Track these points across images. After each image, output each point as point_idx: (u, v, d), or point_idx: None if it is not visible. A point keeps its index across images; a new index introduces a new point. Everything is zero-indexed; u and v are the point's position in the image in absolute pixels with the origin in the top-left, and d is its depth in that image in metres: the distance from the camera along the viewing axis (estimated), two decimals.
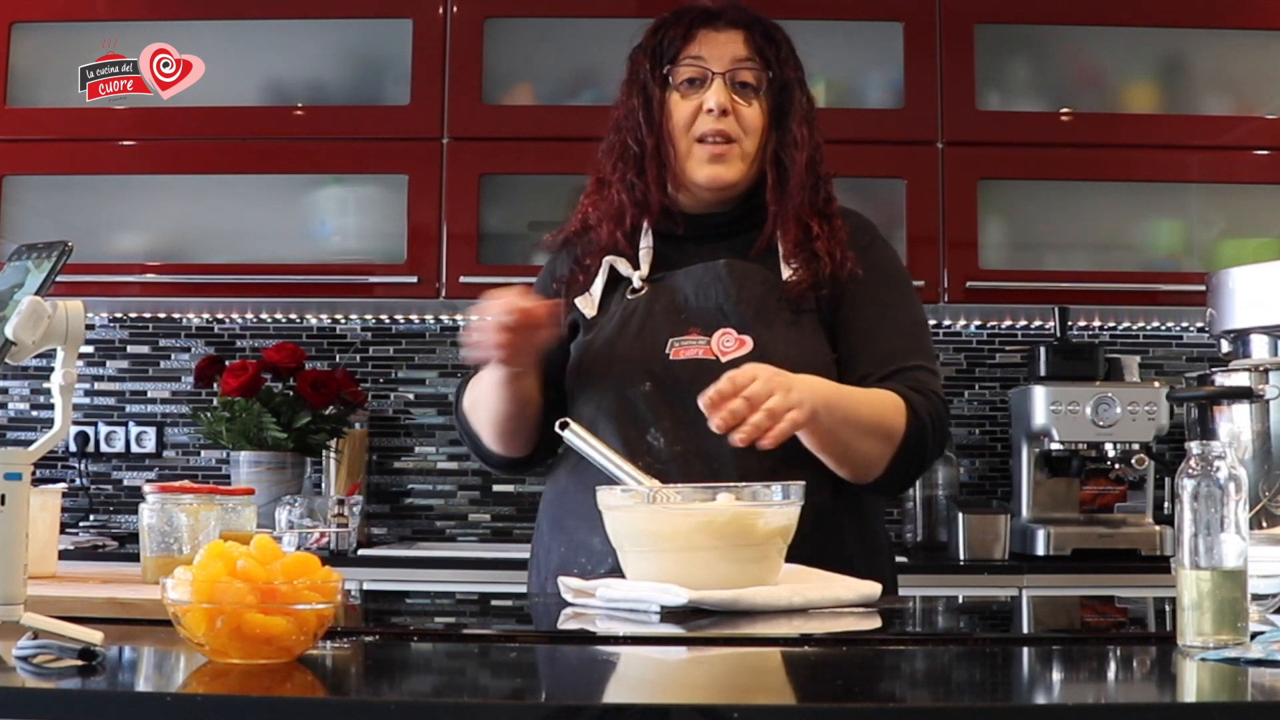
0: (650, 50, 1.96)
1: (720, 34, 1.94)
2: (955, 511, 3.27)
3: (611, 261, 1.96)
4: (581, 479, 1.88)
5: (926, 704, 1.12)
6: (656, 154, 1.93)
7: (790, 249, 1.94)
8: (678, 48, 1.94)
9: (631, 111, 1.95)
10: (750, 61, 1.93)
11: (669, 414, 1.84)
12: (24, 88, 3.50)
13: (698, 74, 1.93)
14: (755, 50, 1.94)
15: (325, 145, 3.47)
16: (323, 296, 3.52)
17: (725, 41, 1.94)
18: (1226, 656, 1.18)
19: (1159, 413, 3.24)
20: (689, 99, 1.93)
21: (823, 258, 1.92)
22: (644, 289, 1.94)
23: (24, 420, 3.82)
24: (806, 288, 1.91)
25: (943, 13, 3.43)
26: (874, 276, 1.95)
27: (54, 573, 1.67)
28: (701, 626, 1.44)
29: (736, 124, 1.92)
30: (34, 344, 1.22)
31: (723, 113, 1.91)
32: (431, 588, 3.03)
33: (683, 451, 1.83)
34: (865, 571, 1.75)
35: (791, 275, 1.92)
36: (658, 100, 1.93)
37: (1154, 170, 3.43)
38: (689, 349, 1.88)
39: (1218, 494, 1.25)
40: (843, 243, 1.94)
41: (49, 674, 1.10)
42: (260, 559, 1.17)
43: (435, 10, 3.45)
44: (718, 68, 1.92)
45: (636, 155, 1.94)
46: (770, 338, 1.87)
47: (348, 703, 1.08)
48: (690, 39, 1.94)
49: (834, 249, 1.93)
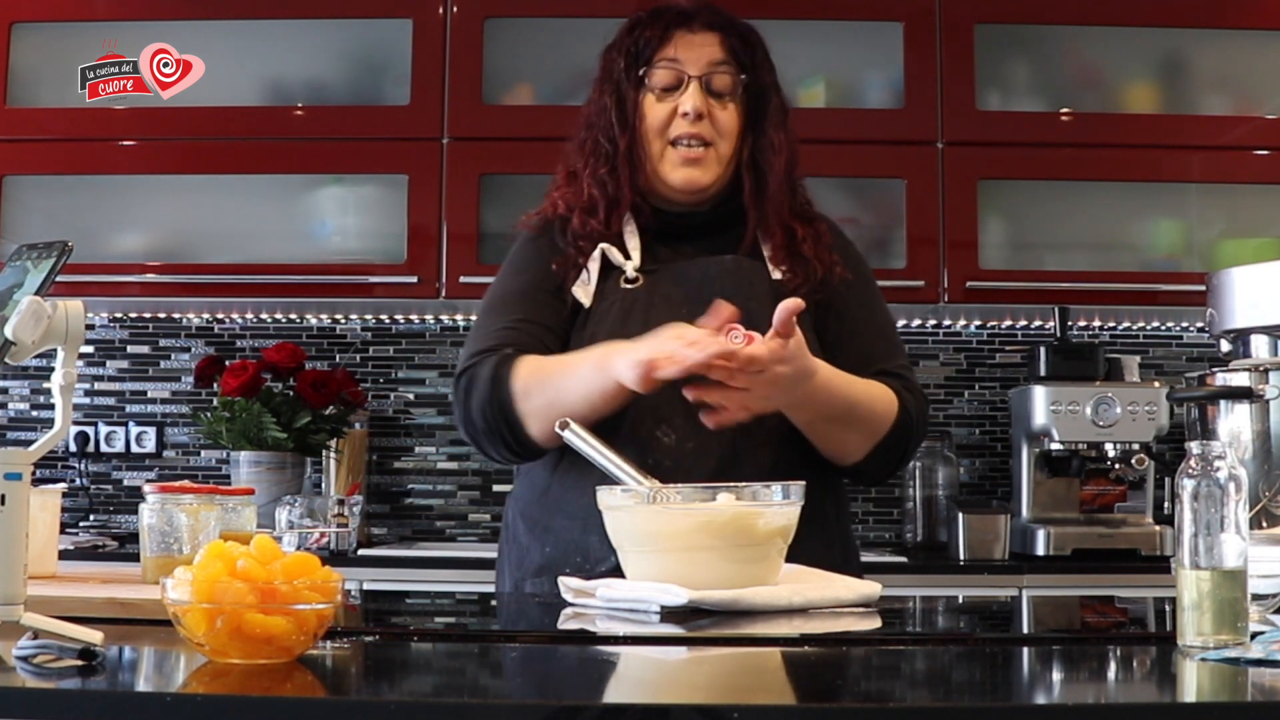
0: (625, 50, 1.96)
1: (696, 36, 1.94)
2: (955, 511, 3.28)
3: (605, 250, 1.95)
4: (567, 478, 1.87)
5: (926, 704, 1.12)
6: (629, 154, 1.94)
7: (777, 253, 1.95)
8: (653, 49, 1.94)
9: (604, 110, 1.96)
10: (726, 65, 1.94)
11: (681, 410, 1.83)
12: (24, 88, 3.50)
13: (674, 78, 1.93)
14: (731, 53, 1.94)
15: (325, 145, 3.47)
16: (323, 296, 3.52)
17: (701, 44, 1.94)
18: (1226, 656, 1.18)
19: (1159, 413, 3.24)
20: (664, 101, 1.93)
21: (812, 262, 1.95)
22: (639, 280, 1.93)
23: (24, 420, 3.82)
24: (804, 291, 1.91)
25: (943, 13, 3.43)
26: (856, 279, 1.99)
27: (54, 573, 1.67)
28: (701, 626, 1.44)
29: (711, 127, 1.92)
30: (33, 344, 1.22)
31: (698, 116, 1.91)
32: (431, 588, 3.03)
33: (694, 448, 1.83)
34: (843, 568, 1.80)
35: (782, 278, 1.94)
36: (631, 101, 1.94)
37: (1154, 170, 3.44)
38: None
39: (1218, 494, 1.25)
40: (827, 245, 1.98)
41: (49, 674, 1.10)
42: (260, 559, 1.17)
43: (435, 10, 3.45)
44: (694, 71, 1.92)
45: (608, 153, 1.95)
46: None
47: (348, 703, 1.08)
48: (666, 41, 1.94)
49: (820, 252, 1.96)
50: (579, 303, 1.94)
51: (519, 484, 2.03)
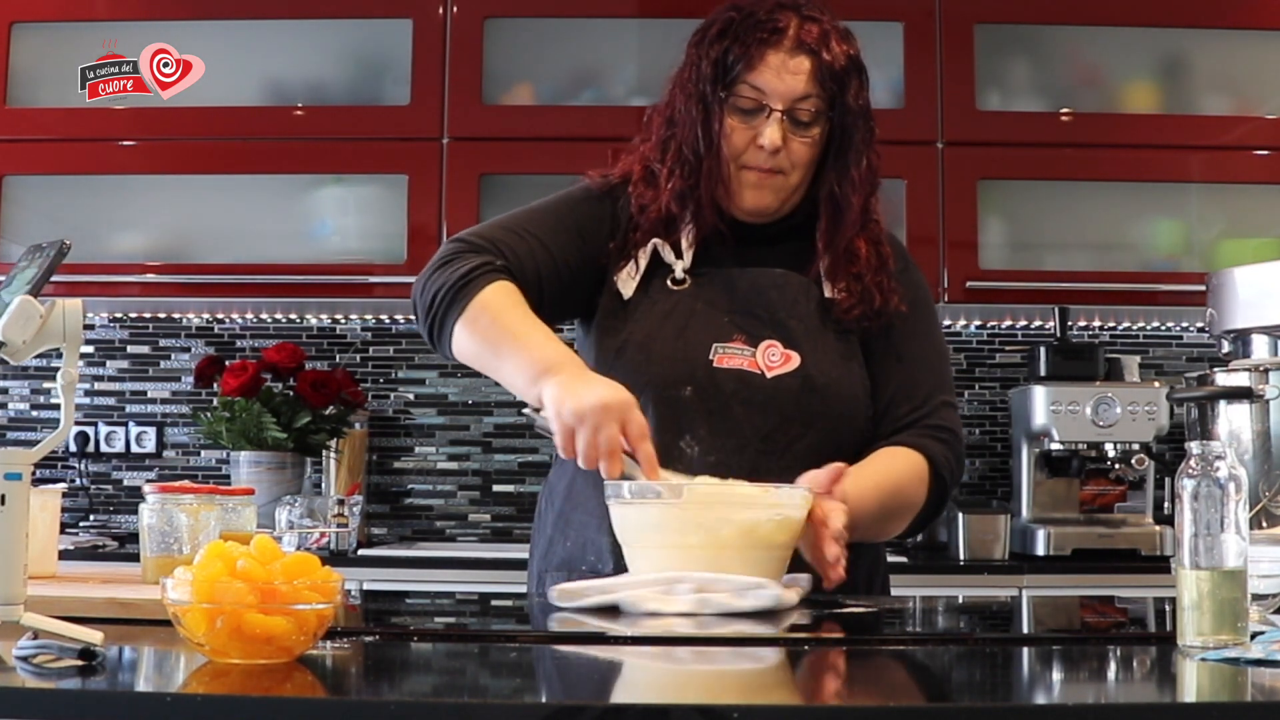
0: (713, 60, 1.87)
1: (788, 60, 1.84)
2: (955, 511, 3.27)
3: (657, 245, 1.90)
4: (590, 473, 1.87)
5: (927, 704, 1.12)
6: (711, 175, 1.87)
7: (836, 272, 1.90)
8: (739, 71, 1.85)
9: (690, 121, 1.88)
10: (811, 99, 1.85)
11: (705, 422, 1.81)
12: (24, 88, 3.50)
13: (756, 105, 1.85)
14: (819, 84, 1.84)
15: (325, 145, 3.47)
16: (323, 296, 3.52)
17: (789, 71, 1.84)
18: (1226, 656, 1.18)
19: (1159, 413, 3.24)
20: (745, 126, 1.86)
21: (872, 290, 1.89)
22: (686, 282, 1.89)
23: (24, 420, 3.82)
24: (857, 314, 1.88)
25: (943, 13, 3.43)
26: (912, 309, 1.93)
27: (54, 573, 1.67)
28: (702, 626, 1.44)
29: (786, 158, 1.86)
30: (25, 344, 1.21)
31: (774, 151, 1.85)
32: (431, 588, 3.03)
33: (715, 462, 1.79)
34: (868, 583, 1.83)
35: (837, 295, 1.89)
36: (716, 117, 1.86)
37: (1154, 170, 3.44)
38: (733, 358, 1.83)
39: (1218, 494, 1.25)
40: (891, 273, 1.92)
41: (49, 674, 1.10)
42: (260, 559, 1.17)
43: (435, 10, 3.45)
44: (777, 104, 1.84)
45: (691, 167, 1.88)
46: (816, 356, 1.85)
47: (348, 703, 1.08)
48: (753, 65, 1.84)
49: (883, 279, 1.90)
50: (619, 292, 1.89)
51: (552, 472, 2.01)
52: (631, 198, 1.92)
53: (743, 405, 1.81)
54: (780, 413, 1.82)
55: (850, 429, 1.88)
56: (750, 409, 1.81)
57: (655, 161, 1.92)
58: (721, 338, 1.84)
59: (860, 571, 1.91)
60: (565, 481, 1.94)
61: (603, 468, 1.64)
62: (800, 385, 1.83)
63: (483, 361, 1.80)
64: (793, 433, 1.83)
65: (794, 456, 1.80)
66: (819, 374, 1.84)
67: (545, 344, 1.76)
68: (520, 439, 3.77)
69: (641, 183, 1.93)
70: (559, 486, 1.96)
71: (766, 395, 1.82)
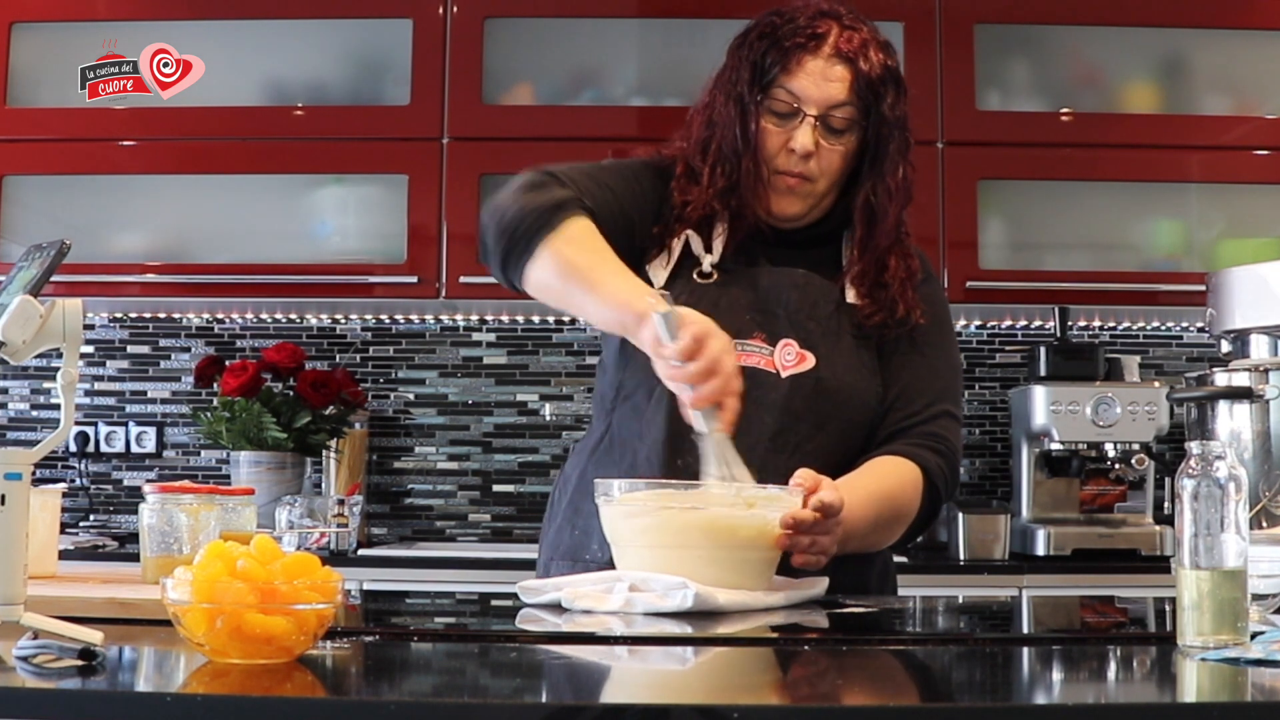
0: (751, 62, 1.88)
1: (826, 67, 1.85)
2: (955, 511, 3.27)
3: (689, 237, 1.91)
4: (603, 462, 1.87)
5: (926, 704, 1.12)
6: (749, 173, 1.88)
7: (862, 280, 1.91)
8: (776, 73, 1.86)
9: (730, 121, 1.88)
10: (847, 107, 1.85)
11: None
12: (24, 88, 3.50)
13: (790, 109, 1.86)
14: (855, 94, 1.85)
15: (325, 145, 3.47)
16: (323, 296, 3.52)
17: (826, 79, 1.85)
18: (1226, 656, 1.18)
19: (1159, 413, 3.24)
20: (779, 129, 1.86)
21: (896, 301, 1.90)
22: (713, 276, 1.90)
23: (24, 420, 3.82)
24: (878, 321, 1.89)
25: (943, 13, 3.43)
26: (929, 322, 1.94)
27: (54, 573, 1.67)
28: (702, 626, 1.44)
29: (816, 165, 1.87)
30: (25, 344, 1.21)
31: (805, 156, 1.85)
32: (431, 588, 3.03)
33: None
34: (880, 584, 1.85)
35: (857, 300, 1.90)
36: (754, 118, 1.87)
37: (1154, 170, 3.44)
38: (750, 355, 1.84)
39: (1218, 494, 1.25)
40: (915, 284, 1.93)
41: (49, 674, 1.10)
42: (260, 559, 1.17)
43: (435, 10, 3.45)
44: (812, 111, 1.84)
45: (732, 167, 1.88)
46: (833, 358, 1.86)
47: (348, 703, 1.08)
48: (791, 70, 1.85)
49: (907, 290, 1.91)
50: (650, 280, 1.89)
51: (568, 462, 2.02)
52: (674, 191, 1.93)
53: (755, 403, 1.81)
54: (792, 412, 1.83)
55: (861, 432, 1.88)
56: (761, 408, 1.81)
57: (696, 158, 1.93)
58: (743, 334, 1.84)
59: (873, 573, 1.91)
60: (579, 471, 1.95)
61: (708, 387, 1.62)
62: (813, 386, 1.84)
63: (570, 283, 1.77)
64: (803, 433, 1.83)
65: (803, 456, 1.80)
66: (833, 376, 1.85)
67: (635, 285, 1.75)
68: (520, 439, 3.77)
69: (684, 178, 1.93)
70: (573, 475, 1.97)
71: (779, 394, 1.83)
